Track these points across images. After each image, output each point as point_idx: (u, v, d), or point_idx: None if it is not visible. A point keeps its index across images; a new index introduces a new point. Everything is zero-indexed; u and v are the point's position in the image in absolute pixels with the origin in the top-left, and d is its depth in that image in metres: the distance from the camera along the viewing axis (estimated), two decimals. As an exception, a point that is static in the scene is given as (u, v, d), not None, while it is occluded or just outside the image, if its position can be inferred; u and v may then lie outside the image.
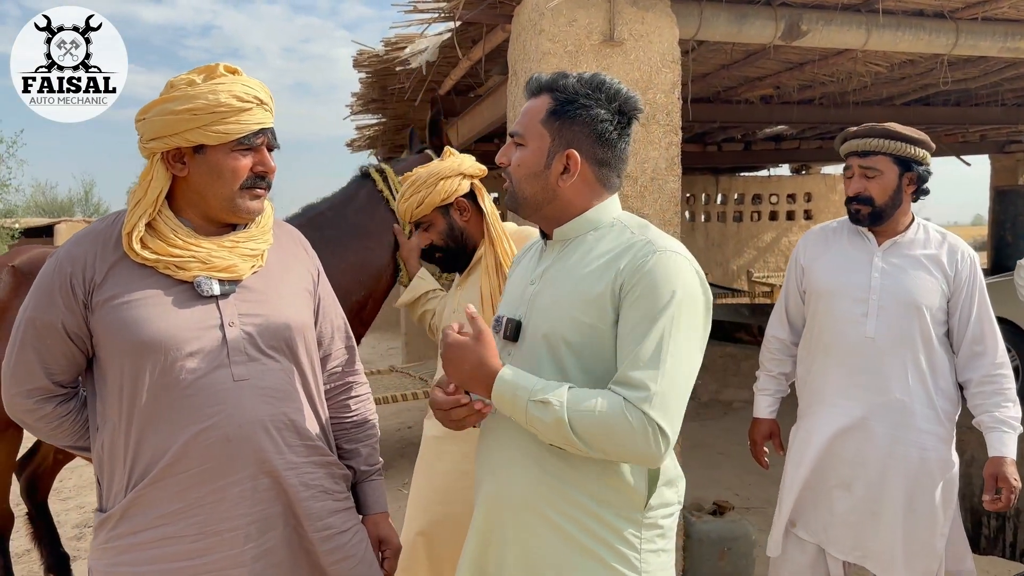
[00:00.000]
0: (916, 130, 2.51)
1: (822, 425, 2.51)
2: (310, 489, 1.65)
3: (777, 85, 5.98)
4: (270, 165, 1.64)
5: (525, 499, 1.52)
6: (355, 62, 5.01)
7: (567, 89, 1.53)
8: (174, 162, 1.59)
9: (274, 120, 1.66)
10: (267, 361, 1.61)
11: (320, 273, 1.85)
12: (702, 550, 3.38)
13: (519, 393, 1.42)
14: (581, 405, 1.39)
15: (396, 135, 7.73)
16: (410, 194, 2.46)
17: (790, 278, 2.72)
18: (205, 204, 1.61)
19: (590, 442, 1.39)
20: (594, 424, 1.38)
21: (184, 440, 1.52)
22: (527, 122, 1.57)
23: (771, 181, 13.13)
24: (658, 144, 3.12)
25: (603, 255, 1.52)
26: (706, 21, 3.31)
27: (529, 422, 1.42)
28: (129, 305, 1.53)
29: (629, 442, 1.38)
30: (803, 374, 2.66)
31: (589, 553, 1.48)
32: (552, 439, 1.43)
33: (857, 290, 2.48)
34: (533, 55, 3.10)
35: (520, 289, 1.65)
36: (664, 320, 1.41)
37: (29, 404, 1.61)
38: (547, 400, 1.40)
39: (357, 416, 1.87)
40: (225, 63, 1.61)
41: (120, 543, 1.54)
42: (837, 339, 2.50)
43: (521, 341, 1.57)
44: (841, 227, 2.65)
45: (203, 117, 1.53)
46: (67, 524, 4.77)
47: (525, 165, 1.56)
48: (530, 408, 1.41)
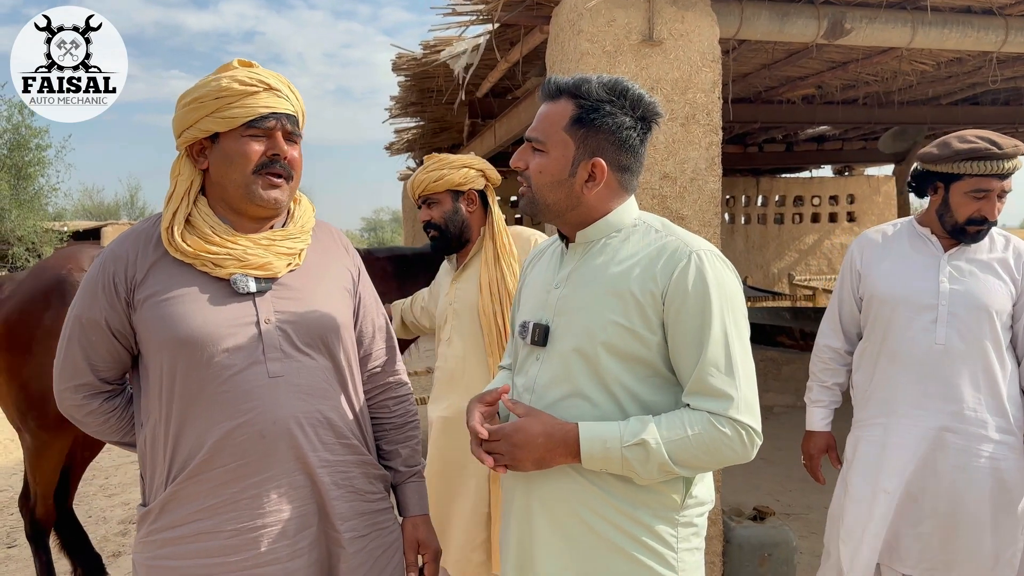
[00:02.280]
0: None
1: (895, 437, 2.44)
2: (340, 488, 1.65)
3: (819, 85, 5.89)
4: (283, 148, 1.61)
5: (560, 504, 1.51)
6: (394, 65, 5.04)
7: (591, 95, 1.50)
8: (197, 156, 1.62)
9: (297, 110, 1.65)
10: (302, 358, 1.62)
11: (361, 272, 1.85)
12: (742, 556, 3.33)
13: (609, 444, 1.41)
14: (675, 435, 1.41)
15: (434, 138, 7.76)
16: (434, 168, 2.63)
17: (844, 285, 2.65)
18: (226, 194, 1.63)
19: (691, 465, 1.43)
20: (692, 448, 1.40)
21: (219, 436, 1.54)
22: (548, 128, 1.53)
23: (813, 182, 12.92)
24: (698, 144, 3.09)
25: (633, 256, 1.51)
26: (747, 20, 3.27)
27: (625, 468, 1.42)
28: (168, 302, 1.55)
29: (728, 452, 1.42)
30: (862, 382, 2.57)
31: (627, 555, 1.48)
32: (652, 477, 1.43)
33: (925, 296, 2.41)
34: (571, 56, 3.09)
35: (543, 293, 1.63)
36: (722, 324, 1.42)
37: (77, 399, 1.65)
38: (643, 441, 1.40)
39: (397, 417, 1.87)
40: (240, 59, 1.63)
41: (160, 537, 1.56)
42: (905, 347, 2.43)
43: (550, 345, 1.56)
44: (900, 231, 2.58)
45: (209, 104, 1.56)
46: (113, 520, 4.87)
47: (548, 172, 1.53)
48: (626, 454, 1.40)
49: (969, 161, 2.33)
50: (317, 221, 1.80)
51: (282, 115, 1.61)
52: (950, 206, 2.41)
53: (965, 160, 2.34)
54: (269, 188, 1.61)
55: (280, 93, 1.61)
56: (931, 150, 2.43)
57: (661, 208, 3.07)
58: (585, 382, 1.50)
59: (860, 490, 2.49)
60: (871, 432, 2.51)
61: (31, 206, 26.80)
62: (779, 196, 12.84)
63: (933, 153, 2.41)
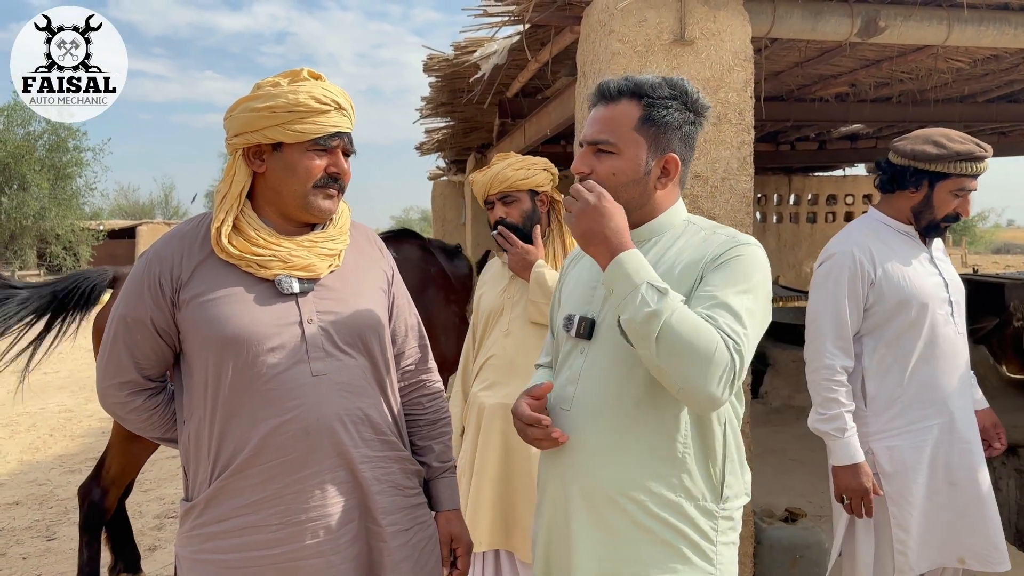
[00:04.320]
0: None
1: (948, 434, 2.48)
2: (381, 484, 1.69)
3: (853, 83, 5.82)
4: (343, 167, 1.69)
5: (600, 494, 1.53)
6: (425, 66, 5.07)
7: (656, 93, 1.55)
8: (254, 158, 1.66)
9: (353, 127, 1.71)
10: (343, 357, 1.66)
11: (394, 273, 1.89)
12: (773, 557, 3.32)
13: (642, 273, 1.41)
14: (686, 311, 1.38)
15: (464, 138, 7.80)
16: (520, 166, 2.66)
17: (849, 296, 2.49)
18: (280, 201, 1.67)
19: (665, 350, 1.36)
20: (688, 324, 1.36)
21: (264, 432, 1.57)
22: (617, 129, 1.56)
23: (846, 181, 12.76)
24: (730, 144, 3.08)
25: (684, 252, 1.56)
26: (779, 19, 3.26)
27: (628, 301, 1.40)
28: (214, 302, 1.59)
29: (704, 367, 1.35)
30: (888, 390, 2.50)
31: (667, 546, 1.50)
32: (635, 330, 1.39)
33: (940, 289, 2.51)
34: (602, 56, 3.10)
35: (588, 290, 1.67)
36: (750, 284, 1.46)
37: (121, 396, 1.69)
38: (665, 289, 1.39)
39: (431, 413, 1.91)
40: (309, 69, 1.67)
41: (204, 531, 1.61)
42: (939, 343, 2.49)
43: (595, 339, 1.59)
44: (882, 231, 2.58)
45: (282, 115, 1.60)
46: (148, 515, 4.97)
47: (622, 173, 1.56)
48: (644, 291, 1.38)
49: (964, 162, 2.41)
50: (353, 222, 1.84)
51: (345, 134, 1.68)
52: (932, 203, 2.50)
53: (961, 161, 2.41)
54: (324, 199, 1.68)
55: (346, 112, 1.67)
56: (925, 148, 2.44)
57: (692, 208, 3.07)
58: (630, 372, 1.52)
59: (917, 493, 2.47)
60: (919, 438, 2.47)
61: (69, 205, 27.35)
62: (811, 194, 12.70)
63: (929, 152, 2.43)
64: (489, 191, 2.68)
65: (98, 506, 3.39)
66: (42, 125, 26.35)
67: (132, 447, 3.35)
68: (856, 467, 2.44)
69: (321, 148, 1.65)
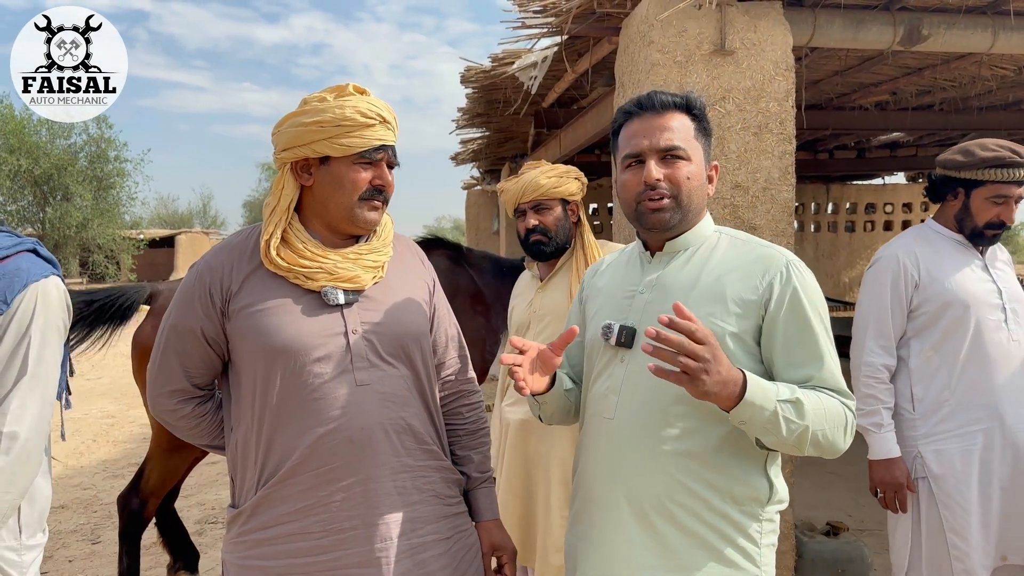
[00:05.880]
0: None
1: (1004, 437, 2.50)
2: (423, 493, 1.70)
3: (894, 91, 5.75)
4: (388, 180, 1.72)
5: (649, 499, 1.56)
6: (462, 78, 5.11)
7: (701, 107, 1.68)
8: (302, 172, 1.69)
9: (396, 140, 1.74)
10: (386, 367, 1.69)
11: (436, 284, 1.91)
12: (815, 571, 3.28)
13: (768, 394, 1.43)
14: (814, 402, 1.47)
15: (499, 148, 7.84)
16: (553, 175, 2.65)
17: (892, 297, 2.59)
18: (327, 213, 1.70)
19: (819, 434, 1.47)
20: (824, 415, 1.47)
21: (311, 441, 1.60)
22: (686, 137, 1.64)
23: (886, 190, 12.58)
24: (771, 153, 3.06)
25: (726, 263, 1.61)
26: (820, 28, 3.23)
27: (771, 422, 1.42)
28: (263, 313, 1.62)
29: (842, 423, 1.51)
30: (935, 393, 2.55)
31: (715, 550, 1.53)
32: (784, 440, 1.45)
33: (993, 296, 2.53)
34: (642, 66, 3.10)
35: (623, 299, 1.70)
36: (820, 316, 1.56)
37: (171, 404, 1.73)
38: (797, 399, 1.45)
39: (471, 423, 1.92)
40: (354, 83, 1.70)
41: (251, 538, 1.63)
42: (991, 348, 2.51)
43: (637, 348, 1.61)
44: (933, 237, 2.65)
45: (329, 130, 1.63)
46: (189, 520, 5.03)
47: (696, 177, 1.64)
48: (780, 407, 1.43)
49: (992, 168, 2.47)
50: (395, 234, 1.87)
51: (389, 147, 1.71)
52: (971, 211, 2.55)
53: (989, 167, 2.47)
54: (370, 211, 1.71)
55: (390, 125, 1.71)
56: (955, 157, 2.54)
57: (733, 218, 3.05)
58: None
59: (970, 498, 2.49)
60: (967, 442, 2.51)
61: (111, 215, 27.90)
62: (850, 203, 12.54)
63: (957, 160, 2.53)
64: (521, 199, 2.66)
65: (137, 515, 3.45)
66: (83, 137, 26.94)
67: (172, 459, 3.40)
68: (891, 462, 2.54)
69: (367, 161, 1.68)
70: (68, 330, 1.80)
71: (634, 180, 1.63)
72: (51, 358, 1.71)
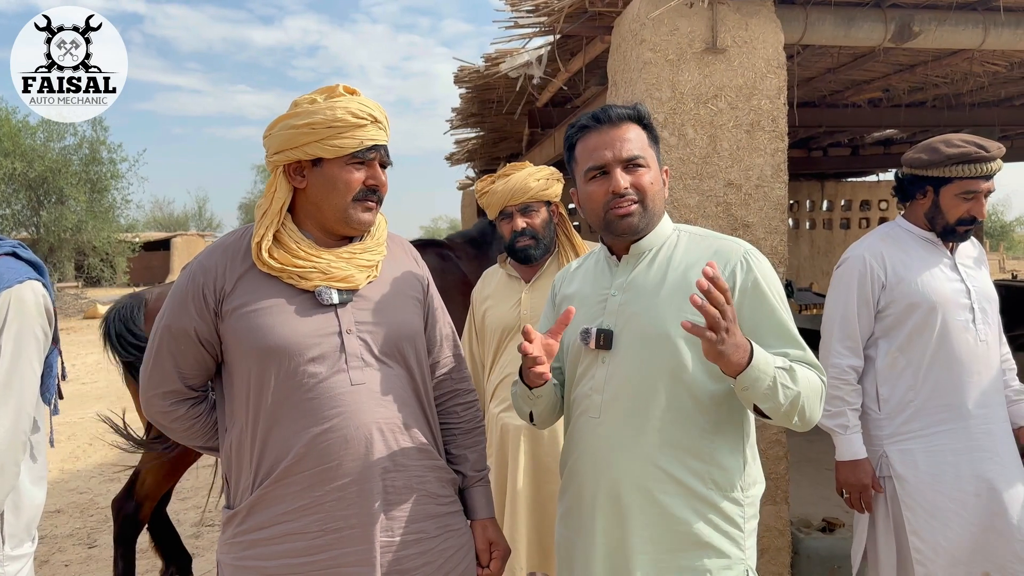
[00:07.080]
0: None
1: (967, 440, 2.46)
2: (414, 492, 1.70)
3: (886, 88, 5.76)
4: (381, 180, 1.73)
5: (636, 490, 1.62)
6: (456, 78, 5.11)
7: (648, 116, 1.76)
8: (294, 175, 1.69)
9: (388, 139, 1.74)
10: (381, 367, 1.69)
11: (430, 283, 1.92)
12: (811, 567, 3.29)
13: (769, 360, 1.50)
14: (803, 373, 1.56)
15: (493, 148, 7.83)
16: (541, 177, 2.65)
17: (858, 298, 2.57)
18: (321, 215, 1.71)
19: (803, 398, 1.54)
20: (806, 381, 1.56)
21: (306, 441, 1.60)
22: (643, 146, 1.73)
23: (880, 187, 12.60)
24: (763, 151, 3.07)
25: (690, 258, 1.70)
26: (812, 25, 3.24)
27: (771, 389, 1.49)
28: (256, 313, 1.62)
29: (817, 404, 1.60)
30: (900, 394, 2.53)
31: (702, 537, 1.60)
32: (780, 406, 1.51)
33: (961, 295, 2.50)
34: (634, 65, 3.11)
35: (598, 302, 1.77)
36: (780, 295, 1.67)
37: (164, 405, 1.72)
38: (791, 367, 1.54)
39: (466, 422, 1.92)
40: (345, 84, 1.71)
41: (246, 538, 1.63)
42: (958, 348, 2.47)
43: (615, 348, 1.68)
44: (902, 236, 2.62)
45: (320, 131, 1.63)
46: (185, 523, 5.03)
47: (656, 182, 1.73)
48: (777, 375, 1.50)
49: (959, 165, 2.44)
50: (389, 233, 1.87)
51: (382, 147, 1.72)
52: (941, 208, 2.52)
53: (956, 164, 2.44)
54: (364, 212, 1.72)
55: (381, 125, 1.71)
56: (920, 156, 2.51)
57: (726, 216, 3.06)
58: (657, 374, 1.63)
59: (937, 503, 2.45)
60: (933, 442, 2.48)
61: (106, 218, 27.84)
62: (844, 200, 12.57)
63: (923, 159, 2.50)
64: (510, 201, 2.64)
65: (132, 519, 3.45)
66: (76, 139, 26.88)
67: (166, 462, 3.40)
68: (856, 463, 2.54)
69: (359, 161, 1.68)
70: (51, 335, 1.78)
71: (600, 190, 1.70)
72: (27, 367, 1.69)
